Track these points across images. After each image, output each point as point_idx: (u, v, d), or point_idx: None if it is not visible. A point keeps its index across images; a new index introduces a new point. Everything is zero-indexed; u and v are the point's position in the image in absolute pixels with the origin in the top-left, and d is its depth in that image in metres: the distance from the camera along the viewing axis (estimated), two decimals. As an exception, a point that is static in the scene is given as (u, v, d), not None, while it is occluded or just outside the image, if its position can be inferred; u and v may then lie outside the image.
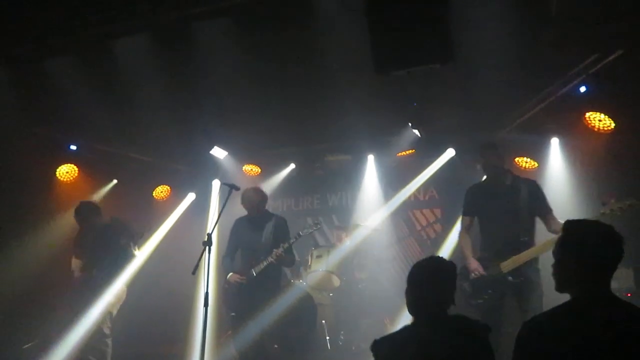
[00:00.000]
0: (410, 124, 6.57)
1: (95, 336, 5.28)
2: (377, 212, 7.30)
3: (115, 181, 7.35)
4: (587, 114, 5.65)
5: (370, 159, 7.55)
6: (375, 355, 2.55)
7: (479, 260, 4.40)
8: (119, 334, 5.56)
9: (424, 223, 7.57)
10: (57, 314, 5.41)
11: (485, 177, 4.66)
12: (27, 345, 5.42)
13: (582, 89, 5.32)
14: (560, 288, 2.22)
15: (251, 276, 4.95)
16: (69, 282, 5.45)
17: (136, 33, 4.66)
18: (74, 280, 5.41)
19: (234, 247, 5.25)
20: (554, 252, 2.28)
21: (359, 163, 7.59)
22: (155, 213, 7.69)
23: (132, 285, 5.73)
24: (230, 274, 5.08)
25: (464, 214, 4.63)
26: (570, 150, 6.21)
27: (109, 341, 5.38)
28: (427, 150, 7.11)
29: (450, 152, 7.10)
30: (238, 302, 5.02)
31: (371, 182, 7.55)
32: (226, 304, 5.13)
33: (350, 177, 7.74)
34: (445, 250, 6.69)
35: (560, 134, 6.31)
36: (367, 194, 7.57)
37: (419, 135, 6.69)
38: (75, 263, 5.52)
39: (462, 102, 5.87)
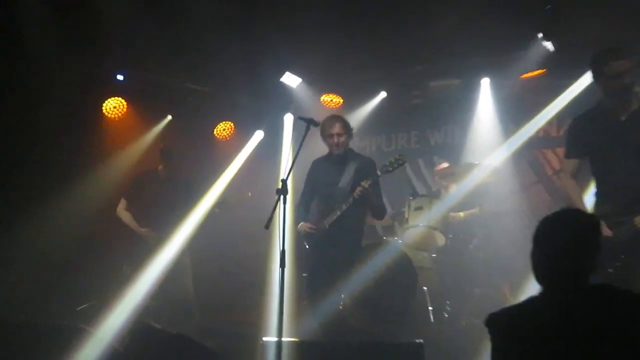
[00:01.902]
0: (540, 35, 6.28)
1: (179, 295, 5.81)
2: (494, 152, 7.13)
3: (169, 117, 7.68)
4: None
5: (485, 83, 7.34)
6: (491, 332, 2.56)
7: (599, 217, 4.11)
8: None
9: (557, 166, 7.31)
10: (115, 271, 5.90)
11: (599, 101, 4.18)
12: (82, 307, 5.96)
13: None
14: None
15: (323, 228, 5.04)
16: (126, 234, 5.89)
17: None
18: (133, 231, 5.88)
19: (309, 194, 5.36)
20: None
21: (470, 89, 7.40)
22: (217, 155, 8.01)
23: (194, 244, 6.10)
24: (301, 223, 5.22)
25: (568, 156, 4.22)
26: None
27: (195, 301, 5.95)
28: (562, 70, 6.78)
29: (594, 72, 6.73)
30: (310, 260, 5.17)
31: (486, 113, 7.36)
32: (298, 262, 5.31)
33: (457, 108, 7.59)
34: (586, 202, 6.47)
35: None
36: (480, 129, 7.39)
37: (552, 49, 6.40)
38: (124, 205, 6.00)
39: (613, 2, 5.49)
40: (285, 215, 4.15)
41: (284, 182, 4.25)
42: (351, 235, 5.13)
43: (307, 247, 5.18)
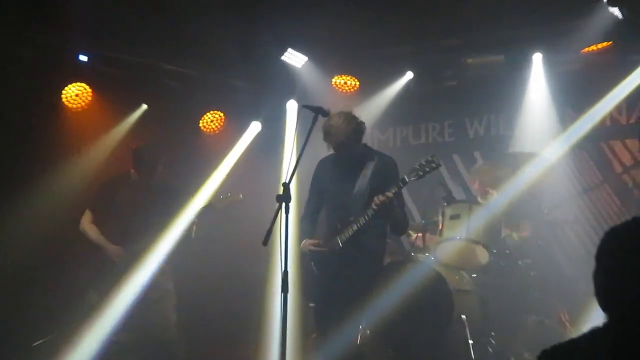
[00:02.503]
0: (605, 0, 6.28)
1: (159, 326, 5.85)
2: (549, 146, 7.11)
3: (144, 106, 7.70)
4: None
5: (537, 59, 7.34)
6: (546, 372, 2.56)
7: None
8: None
9: (629, 162, 7.29)
10: (79, 298, 5.92)
11: None
12: (38, 342, 5.98)
13: None
14: None
15: (336, 247, 5.02)
16: (93, 253, 5.92)
17: None
18: (102, 252, 5.89)
19: (315, 203, 5.34)
20: None
21: (518, 67, 7.40)
22: (203, 153, 8.02)
23: (177, 264, 6.11)
24: (305, 240, 5.20)
25: None
26: None
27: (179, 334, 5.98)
28: (633, 42, 6.78)
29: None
30: (318, 286, 5.15)
31: (538, 97, 7.36)
32: (302, 289, 5.30)
33: (503, 91, 7.57)
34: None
35: None
36: (531, 117, 7.39)
37: (620, 17, 6.40)
38: (89, 218, 6.01)
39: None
40: (288, 228, 4.15)
41: (287, 186, 4.26)
42: (370, 253, 5.10)
43: (314, 269, 5.17)
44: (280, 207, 4.22)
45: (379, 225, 5.09)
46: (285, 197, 4.22)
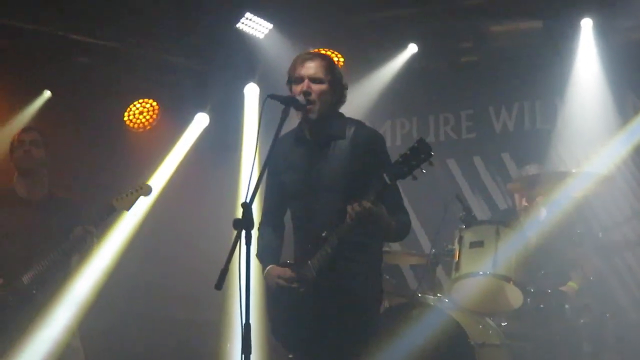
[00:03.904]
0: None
1: None
2: (604, 146, 7.16)
3: (48, 93, 7.75)
4: None
5: (586, 26, 7.43)
6: None
7: None
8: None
9: None
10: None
11: None
12: None
13: None
14: None
15: (309, 276, 4.89)
16: None
17: None
18: None
19: (276, 202, 5.12)
20: None
21: (561, 37, 7.50)
22: (130, 156, 8.04)
23: (90, 312, 6.12)
24: (270, 267, 5.06)
25: None
26: None
27: None
28: None
29: None
30: (296, 332, 5.12)
31: (587, 77, 7.44)
32: (274, 333, 5.27)
33: (540, 70, 7.65)
34: None
35: None
36: (578, 105, 7.47)
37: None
38: None
39: None
40: (249, 265, 4.14)
41: (248, 207, 4.22)
42: (359, 290, 5.04)
43: (286, 307, 5.18)
44: (239, 236, 4.20)
45: (369, 240, 4.89)
46: (246, 222, 4.17)
